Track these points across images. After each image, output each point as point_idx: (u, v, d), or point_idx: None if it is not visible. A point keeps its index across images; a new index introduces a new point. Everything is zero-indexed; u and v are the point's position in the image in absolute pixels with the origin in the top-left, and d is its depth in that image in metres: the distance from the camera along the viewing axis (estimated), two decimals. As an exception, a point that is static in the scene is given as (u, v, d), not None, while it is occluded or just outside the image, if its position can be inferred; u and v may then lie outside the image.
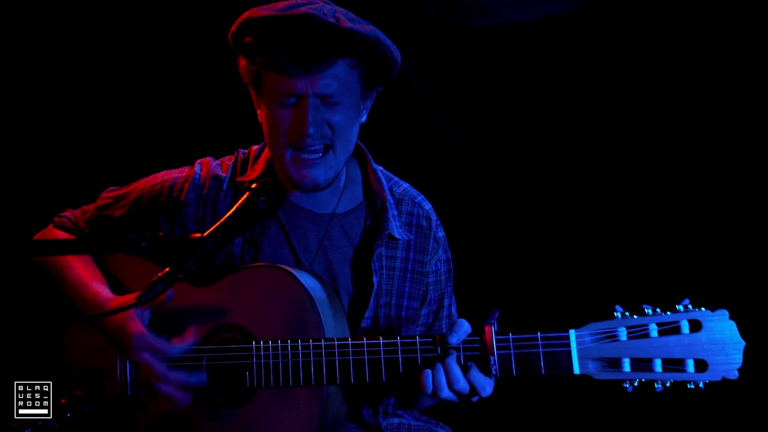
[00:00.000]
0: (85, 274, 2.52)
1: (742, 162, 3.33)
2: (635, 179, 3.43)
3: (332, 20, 2.32)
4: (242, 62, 2.47)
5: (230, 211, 2.21)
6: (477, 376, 2.24)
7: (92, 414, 2.35)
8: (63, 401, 2.29)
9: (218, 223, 2.18)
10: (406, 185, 2.71)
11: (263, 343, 2.35)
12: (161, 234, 2.15)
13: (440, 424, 2.69)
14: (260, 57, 2.38)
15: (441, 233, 2.69)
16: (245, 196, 2.24)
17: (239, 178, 2.58)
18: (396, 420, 2.63)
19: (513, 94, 3.52)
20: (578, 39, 3.43)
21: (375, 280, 2.53)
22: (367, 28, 2.38)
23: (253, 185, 2.26)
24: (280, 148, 2.44)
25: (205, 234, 2.15)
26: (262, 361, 2.34)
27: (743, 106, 3.32)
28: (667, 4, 3.36)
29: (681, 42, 3.35)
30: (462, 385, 2.23)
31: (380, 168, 2.69)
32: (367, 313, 2.52)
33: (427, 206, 2.69)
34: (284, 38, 2.33)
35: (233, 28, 2.42)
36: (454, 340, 2.26)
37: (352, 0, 2.51)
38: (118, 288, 2.51)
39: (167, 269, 2.10)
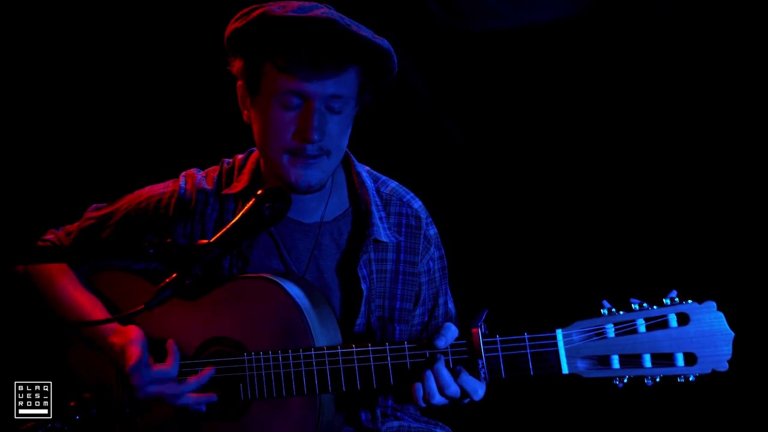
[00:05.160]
0: (83, 300, 2.54)
1: (729, 155, 3.30)
2: (621, 174, 3.40)
3: (354, 28, 2.34)
4: (240, 61, 2.44)
5: (236, 217, 2.21)
6: (468, 379, 2.23)
7: (101, 416, 2.37)
8: (72, 404, 2.31)
9: (224, 230, 2.19)
10: (394, 184, 2.67)
11: (254, 355, 2.36)
12: (168, 240, 2.15)
13: (440, 424, 2.68)
14: (275, 56, 2.35)
15: (432, 231, 2.65)
16: (251, 202, 2.24)
17: (225, 191, 2.57)
18: (396, 423, 2.62)
19: (517, 96, 3.48)
20: (582, 40, 3.39)
21: (364, 286, 2.52)
22: (380, 39, 2.40)
23: (259, 192, 2.25)
24: (277, 151, 2.41)
25: (211, 240, 2.16)
26: (254, 372, 2.36)
27: (743, 104, 3.28)
28: (671, 3, 3.30)
29: (686, 41, 3.30)
30: (453, 389, 2.23)
31: (366, 168, 2.67)
32: (359, 320, 2.52)
33: (416, 204, 2.65)
34: (304, 40, 2.32)
35: (239, 24, 2.38)
36: (442, 343, 2.25)
37: (358, 2, 2.49)
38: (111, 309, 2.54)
39: (174, 275, 2.11)
